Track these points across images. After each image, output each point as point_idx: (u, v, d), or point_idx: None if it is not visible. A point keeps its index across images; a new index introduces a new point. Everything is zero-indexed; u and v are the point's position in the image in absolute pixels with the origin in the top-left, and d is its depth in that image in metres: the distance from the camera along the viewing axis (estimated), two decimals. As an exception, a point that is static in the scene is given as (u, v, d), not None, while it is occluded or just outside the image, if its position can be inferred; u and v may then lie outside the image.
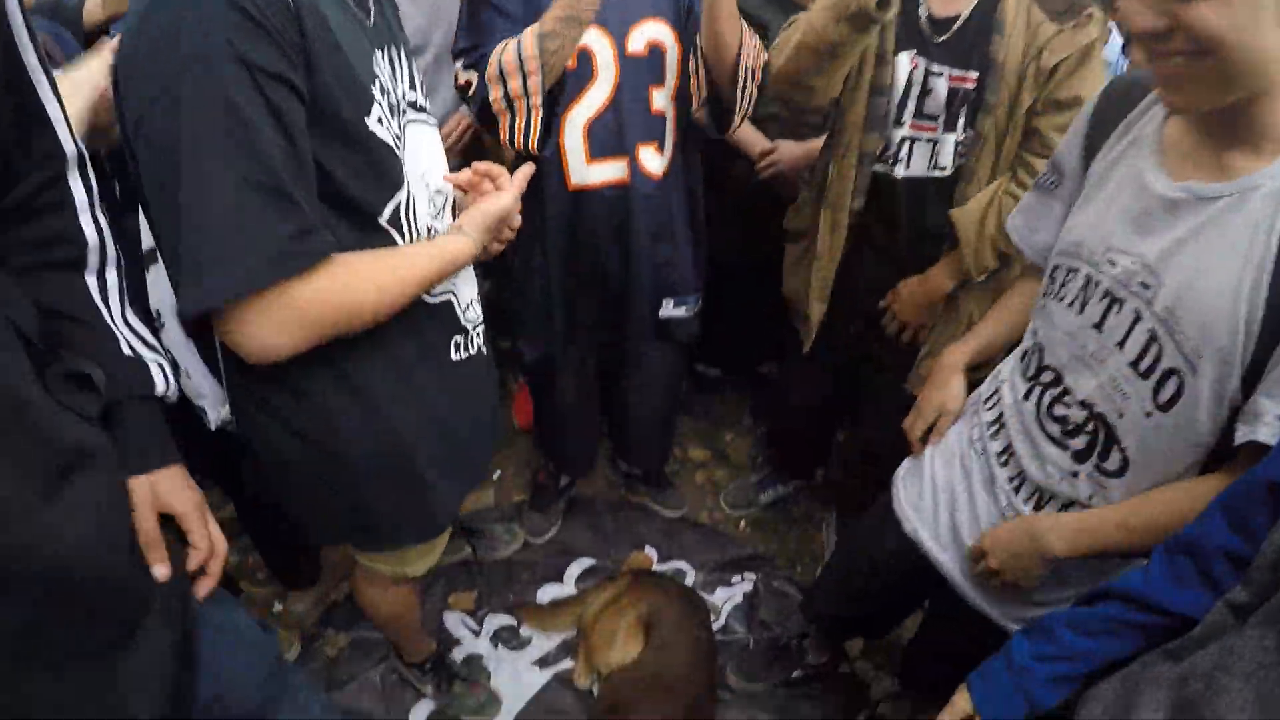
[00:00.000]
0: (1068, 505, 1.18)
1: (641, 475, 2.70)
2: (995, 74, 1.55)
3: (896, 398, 1.95)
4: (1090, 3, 1.50)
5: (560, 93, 1.59)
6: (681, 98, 1.75)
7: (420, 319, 1.22)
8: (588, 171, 1.73)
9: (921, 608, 1.82)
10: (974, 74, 1.57)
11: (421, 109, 1.24)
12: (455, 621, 2.29)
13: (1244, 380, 0.95)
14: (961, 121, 1.61)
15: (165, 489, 1.01)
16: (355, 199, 1.05)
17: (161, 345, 1.07)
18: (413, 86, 1.22)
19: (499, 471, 2.78)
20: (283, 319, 0.97)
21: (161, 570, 0.96)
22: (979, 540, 1.28)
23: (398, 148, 1.10)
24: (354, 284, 1.03)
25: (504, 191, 1.27)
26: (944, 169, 1.67)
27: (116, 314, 1.01)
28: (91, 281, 0.98)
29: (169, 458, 1.03)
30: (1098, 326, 1.08)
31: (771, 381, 2.91)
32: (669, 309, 1.98)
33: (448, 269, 1.17)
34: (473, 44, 1.60)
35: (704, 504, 2.76)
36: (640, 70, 1.69)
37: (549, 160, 1.70)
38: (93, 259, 0.97)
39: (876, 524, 1.57)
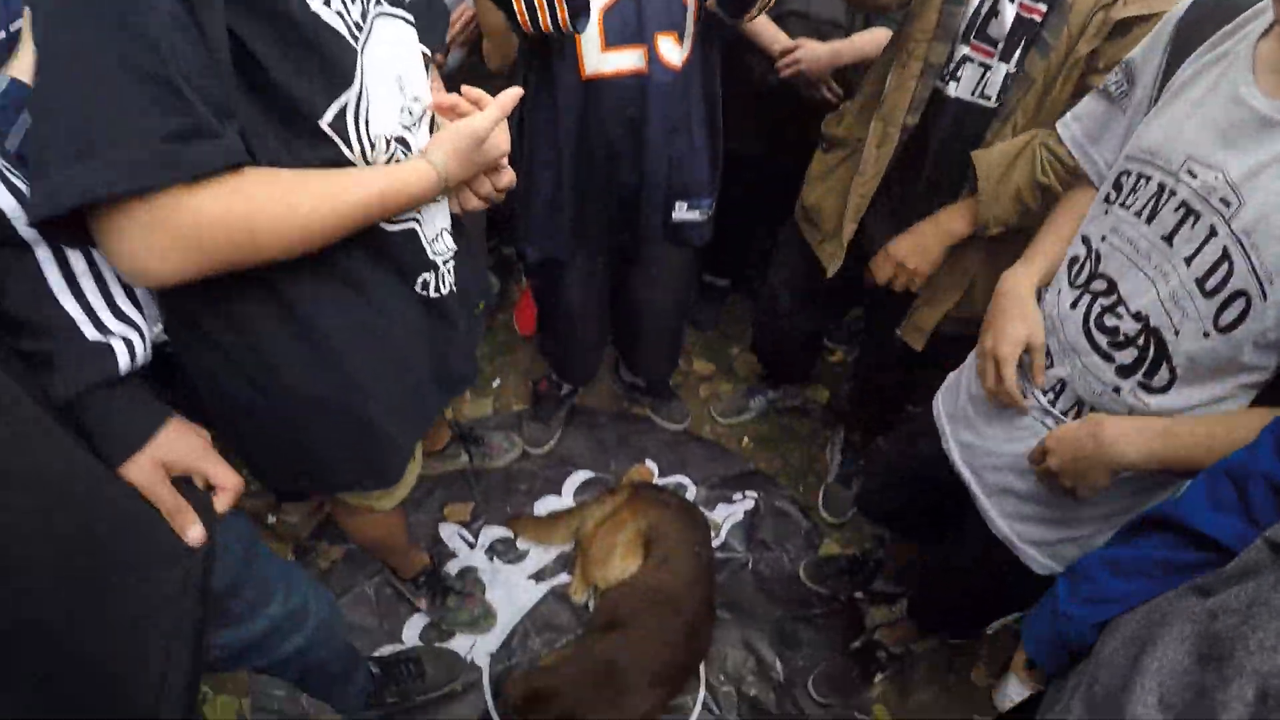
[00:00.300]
0: None
1: (645, 386, 2.63)
2: (1060, 14, 1.41)
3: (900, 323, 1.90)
4: None
5: None
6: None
7: (376, 249, 1.07)
8: (603, 60, 1.59)
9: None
10: (1043, 6, 1.43)
11: (402, 3, 1.06)
12: (451, 533, 2.25)
13: None
14: (1018, 54, 1.47)
15: (167, 453, 0.95)
16: (288, 94, 0.87)
17: (138, 305, 0.96)
18: None
19: (498, 380, 2.71)
20: (161, 237, 0.80)
21: (195, 533, 0.95)
22: (1042, 441, 1.21)
23: (354, 38, 0.93)
24: (261, 204, 0.86)
25: (481, 113, 1.08)
26: (988, 99, 1.54)
27: (84, 279, 0.89)
28: (41, 253, 0.86)
29: (156, 419, 0.96)
30: (1167, 239, 1.02)
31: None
32: (681, 211, 1.88)
33: (398, 199, 0.99)
34: None
35: (707, 418, 2.70)
36: (665, -49, 1.53)
37: (562, 48, 1.57)
38: (25, 228, 0.84)
39: (920, 431, 1.54)
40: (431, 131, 1.15)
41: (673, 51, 1.61)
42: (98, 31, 0.73)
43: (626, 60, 1.59)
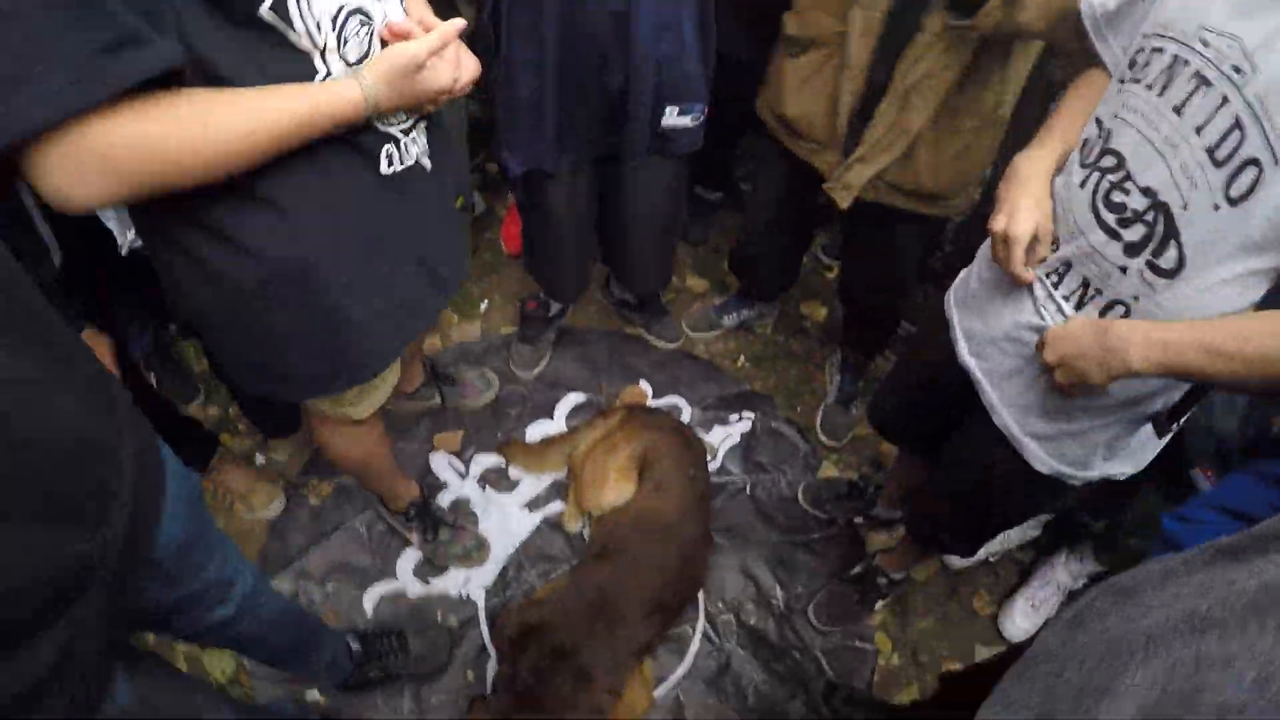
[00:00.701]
0: (1111, 305, 1.12)
1: (636, 304, 2.55)
2: None
3: (886, 238, 1.87)
4: None
5: None
6: None
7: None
8: None
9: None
10: None
11: None
12: (442, 463, 2.20)
13: None
14: None
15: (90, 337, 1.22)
16: None
17: None
18: None
19: (486, 301, 2.61)
20: (81, 162, 0.80)
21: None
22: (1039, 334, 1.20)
23: None
24: (174, 126, 0.85)
25: (421, 38, 1.04)
26: None
27: None
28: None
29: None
30: (1178, 110, 1.01)
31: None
32: (672, 117, 1.77)
33: (323, 122, 0.97)
34: None
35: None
36: None
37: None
38: None
39: (931, 330, 1.51)
40: None
41: (662, -62, 1.48)
42: None
43: None
